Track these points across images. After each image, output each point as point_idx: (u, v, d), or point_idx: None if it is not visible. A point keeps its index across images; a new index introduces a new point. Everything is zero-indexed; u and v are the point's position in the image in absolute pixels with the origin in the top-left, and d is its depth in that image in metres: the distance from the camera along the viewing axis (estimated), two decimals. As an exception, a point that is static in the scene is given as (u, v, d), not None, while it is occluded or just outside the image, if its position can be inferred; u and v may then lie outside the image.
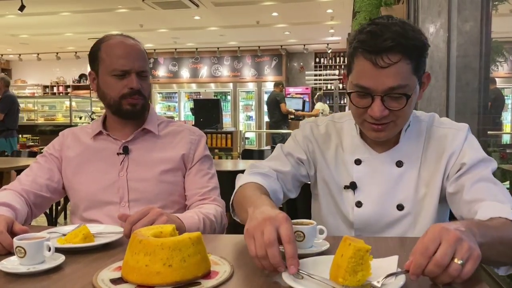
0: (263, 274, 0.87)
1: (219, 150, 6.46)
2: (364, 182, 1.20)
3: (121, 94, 1.39)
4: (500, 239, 0.87)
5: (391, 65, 1.02)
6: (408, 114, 1.13)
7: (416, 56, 1.05)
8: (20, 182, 1.40)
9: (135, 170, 1.41)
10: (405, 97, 1.06)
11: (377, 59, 1.03)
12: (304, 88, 12.13)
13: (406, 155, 1.19)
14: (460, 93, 2.22)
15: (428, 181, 1.17)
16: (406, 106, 1.07)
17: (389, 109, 1.07)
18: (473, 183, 1.07)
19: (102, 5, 8.22)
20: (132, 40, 1.43)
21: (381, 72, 1.03)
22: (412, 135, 1.20)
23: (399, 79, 1.04)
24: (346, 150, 1.24)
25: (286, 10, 8.72)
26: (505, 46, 2.51)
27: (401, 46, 1.02)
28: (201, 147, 1.49)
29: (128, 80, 1.38)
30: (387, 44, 1.01)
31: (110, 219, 1.36)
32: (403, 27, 1.04)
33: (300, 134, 1.31)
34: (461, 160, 1.13)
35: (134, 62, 1.39)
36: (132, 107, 1.40)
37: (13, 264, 0.91)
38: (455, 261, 0.74)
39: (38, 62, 13.04)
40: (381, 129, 1.11)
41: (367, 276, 0.78)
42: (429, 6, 2.24)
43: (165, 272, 0.80)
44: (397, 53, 1.02)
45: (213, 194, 1.45)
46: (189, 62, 13.25)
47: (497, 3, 2.35)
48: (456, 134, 1.16)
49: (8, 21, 9.47)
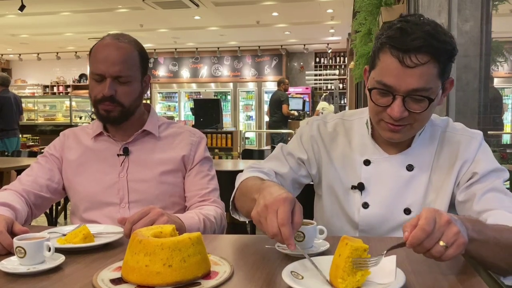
0: (263, 275, 0.87)
1: (219, 150, 6.46)
2: (372, 183, 1.18)
3: (95, 99, 1.37)
4: (496, 240, 0.87)
5: (418, 65, 0.99)
6: (427, 119, 1.10)
7: (444, 59, 1.01)
8: (20, 182, 1.40)
9: (135, 171, 1.41)
10: (427, 100, 1.03)
11: (405, 58, 0.99)
12: (304, 88, 12.12)
13: (418, 159, 1.16)
14: (460, 92, 2.22)
15: (438, 187, 1.15)
16: (426, 110, 1.04)
17: (409, 111, 1.04)
18: (483, 193, 1.06)
19: (102, 4, 8.22)
20: (120, 43, 1.36)
21: (407, 71, 1.00)
22: (425, 140, 1.18)
23: (424, 81, 1.00)
24: (355, 150, 1.22)
25: (286, 10, 8.72)
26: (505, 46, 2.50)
27: (431, 47, 0.98)
28: (201, 149, 1.49)
29: (103, 85, 1.34)
30: (417, 44, 0.98)
31: (110, 220, 1.36)
32: (435, 28, 1.01)
33: (306, 133, 1.28)
34: (473, 169, 1.11)
35: (110, 66, 1.32)
36: (106, 113, 1.37)
37: (13, 264, 0.92)
38: (440, 243, 0.77)
39: (38, 62, 13.04)
40: (397, 130, 1.08)
41: (367, 275, 0.78)
42: (429, 6, 2.24)
43: (165, 272, 0.80)
44: (426, 54, 0.99)
45: (213, 195, 1.45)
46: (189, 62, 13.25)
47: (497, 3, 2.34)
48: (470, 142, 1.14)
49: (8, 21, 9.46)
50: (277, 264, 0.92)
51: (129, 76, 1.36)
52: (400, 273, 0.79)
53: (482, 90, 2.21)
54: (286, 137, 7.93)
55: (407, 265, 0.88)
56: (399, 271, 0.80)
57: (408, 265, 0.88)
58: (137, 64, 1.39)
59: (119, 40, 1.37)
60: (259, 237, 1.12)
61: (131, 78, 1.37)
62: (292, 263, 0.86)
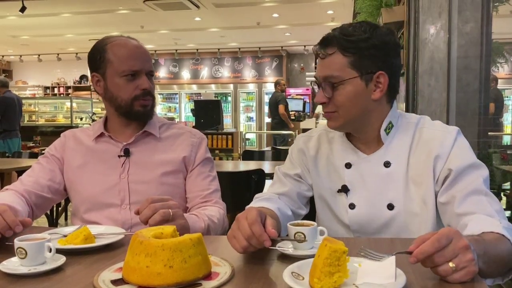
0: (264, 275, 0.87)
1: (219, 151, 6.47)
2: (355, 184, 1.23)
3: (133, 96, 1.39)
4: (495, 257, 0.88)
5: (326, 56, 1.16)
6: (350, 106, 1.16)
7: (353, 51, 1.13)
8: (21, 183, 1.40)
9: (136, 173, 1.41)
10: (337, 86, 1.15)
11: (320, 52, 1.18)
12: (304, 89, 12.12)
13: (393, 155, 1.20)
14: (461, 93, 2.22)
15: (417, 180, 1.17)
16: (339, 96, 1.15)
17: (326, 97, 1.17)
18: (464, 195, 1.07)
19: (103, 6, 8.24)
20: (135, 41, 1.43)
21: (321, 62, 1.17)
22: (398, 135, 1.21)
23: (331, 69, 1.15)
24: (337, 156, 1.27)
25: (286, 11, 8.73)
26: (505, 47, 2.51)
27: (335, 40, 1.15)
28: (202, 150, 1.49)
29: (139, 81, 1.39)
30: (326, 39, 1.17)
31: (111, 221, 1.36)
32: (349, 26, 1.17)
33: (294, 149, 1.37)
34: (448, 165, 1.12)
35: (144, 62, 1.40)
36: (143, 108, 1.41)
37: (14, 265, 0.92)
38: (449, 264, 0.77)
39: (39, 63, 13.05)
40: (328, 117, 1.21)
41: (344, 278, 0.78)
42: (429, 7, 2.25)
43: (166, 273, 0.81)
44: (333, 46, 1.15)
45: (215, 196, 1.46)
46: (190, 63, 13.26)
47: (498, 4, 2.35)
48: (445, 137, 1.15)
49: (9, 22, 9.48)
50: (278, 265, 0.92)
51: (154, 71, 1.46)
52: (401, 274, 0.79)
53: (482, 91, 2.21)
54: (287, 138, 7.93)
55: (407, 267, 0.88)
56: (399, 272, 0.80)
57: (409, 266, 0.88)
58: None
59: (134, 40, 1.44)
60: (259, 238, 1.12)
61: (154, 74, 1.47)
62: (293, 264, 0.86)
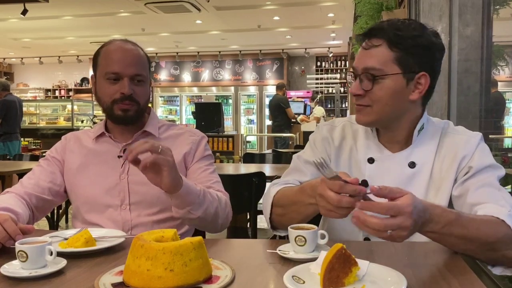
0: (264, 279, 0.87)
1: (220, 154, 6.47)
2: (376, 180, 1.19)
3: (112, 99, 1.38)
4: (462, 234, 0.93)
5: (371, 47, 1.13)
6: (386, 103, 1.14)
7: (401, 47, 1.10)
8: (22, 185, 1.40)
9: (136, 173, 1.40)
10: (379, 79, 1.12)
11: (364, 42, 1.15)
12: (305, 91, 12.12)
13: (419, 157, 1.20)
14: (462, 97, 2.22)
15: (439, 184, 1.18)
16: (377, 90, 1.13)
17: (363, 89, 1.14)
18: (477, 187, 1.10)
19: (104, 9, 8.25)
20: (131, 45, 1.42)
21: (364, 52, 1.15)
22: (426, 138, 1.22)
23: (374, 61, 1.12)
24: (360, 150, 1.26)
25: (287, 14, 8.74)
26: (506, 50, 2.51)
27: (384, 32, 1.12)
28: (201, 147, 1.50)
29: (120, 85, 1.37)
30: (374, 29, 1.14)
31: (111, 222, 1.36)
32: (403, 22, 1.14)
33: (318, 137, 1.33)
34: (469, 163, 1.15)
35: (127, 66, 1.37)
36: (123, 112, 1.39)
37: (15, 268, 0.92)
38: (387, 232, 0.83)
39: (40, 66, 13.08)
40: (359, 110, 1.18)
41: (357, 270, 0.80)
42: (430, 10, 2.25)
43: (167, 276, 0.81)
44: (380, 38, 1.12)
45: (217, 186, 1.44)
46: (191, 65, 13.27)
47: (498, 7, 2.35)
48: (469, 140, 1.19)
49: (10, 25, 9.50)
50: (279, 269, 0.92)
51: (143, 76, 1.41)
52: (401, 277, 0.79)
53: (483, 94, 2.21)
54: (288, 141, 7.93)
55: (408, 269, 0.88)
56: (399, 274, 0.80)
57: (410, 269, 0.88)
58: (147, 66, 1.45)
59: (128, 43, 1.42)
60: (260, 241, 1.12)
61: (144, 78, 1.42)
62: (294, 268, 0.86)
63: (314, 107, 9.56)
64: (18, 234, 1.03)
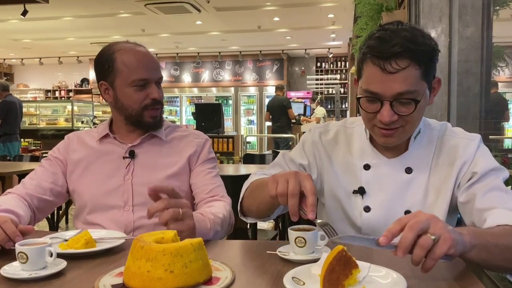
0: (265, 280, 0.87)
1: (220, 155, 6.47)
2: (373, 187, 1.20)
3: (143, 105, 1.39)
4: (495, 242, 0.88)
5: (399, 70, 1.03)
6: (418, 120, 1.13)
7: (425, 61, 1.05)
8: (24, 186, 1.40)
9: (141, 175, 1.41)
10: (413, 102, 1.06)
11: (385, 65, 1.03)
12: (305, 92, 12.13)
13: (416, 161, 1.18)
14: (462, 98, 2.22)
15: (438, 188, 1.17)
16: (415, 111, 1.07)
17: (398, 114, 1.07)
18: (484, 192, 1.08)
19: (104, 10, 8.26)
20: (144, 49, 1.43)
21: (390, 77, 1.03)
22: (423, 142, 1.20)
23: (407, 85, 1.04)
24: (355, 155, 1.25)
25: (287, 15, 8.75)
26: (506, 51, 2.50)
27: (409, 51, 1.02)
28: (206, 149, 1.51)
29: (149, 90, 1.39)
30: (395, 50, 1.02)
31: (114, 223, 1.36)
32: (412, 32, 1.04)
33: (309, 139, 1.31)
34: (472, 169, 1.13)
35: (154, 71, 1.40)
36: (153, 119, 1.42)
37: (15, 269, 0.92)
38: (428, 235, 0.79)
39: (40, 67, 13.09)
40: (390, 134, 1.11)
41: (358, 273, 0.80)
42: (430, 11, 2.25)
43: (167, 278, 0.81)
44: (406, 59, 1.02)
45: (220, 191, 1.44)
46: (191, 66, 13.28)
47: (498, 8, 2.35)
48: (469, 144, 1.17)
49: (10, 26, 9.51)
50: (279, 270, 0.92)
51: (162, 78, 1.46)
52: (401, 279, 0.79)
53: (483, 95, 2.21)
54: (290, 141, 7.93)
55: (408, 270, 0.88)
56: (400, 276, 0.80)
57: (409, 271, 0.88)
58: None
59: (141, 47, 1.44)
60: (260, 243, 1.12)
61: (162, 80, 1.46)
62: (294, 269, 0.86)
63: (315, 107, 9.58)
64: (18, 235, 1.03)
